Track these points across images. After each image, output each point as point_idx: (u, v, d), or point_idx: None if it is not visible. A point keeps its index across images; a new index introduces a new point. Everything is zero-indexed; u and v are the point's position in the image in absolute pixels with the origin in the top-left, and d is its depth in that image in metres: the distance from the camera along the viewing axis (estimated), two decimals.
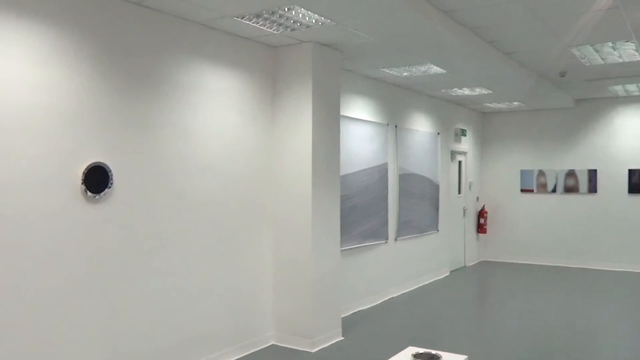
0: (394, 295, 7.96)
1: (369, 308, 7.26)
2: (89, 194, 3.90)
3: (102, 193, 3.99)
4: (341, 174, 6.62)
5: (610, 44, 6.09)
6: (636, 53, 6.50)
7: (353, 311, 7.02)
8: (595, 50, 6.39)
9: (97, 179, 3.96)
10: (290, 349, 5.53)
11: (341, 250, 6.57)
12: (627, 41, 5.98)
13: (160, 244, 4.48)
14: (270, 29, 5.00)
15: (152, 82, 4.42)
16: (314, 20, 4.77)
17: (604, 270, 10.05)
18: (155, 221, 4.44)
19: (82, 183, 3.86)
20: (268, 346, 5.61)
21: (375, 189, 7.44)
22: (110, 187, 4.04)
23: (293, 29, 5.03)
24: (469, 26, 5.41)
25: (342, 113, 6.70)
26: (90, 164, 3.90)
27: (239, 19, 4.71)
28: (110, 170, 4.05)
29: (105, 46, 4.05)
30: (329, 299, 5.76)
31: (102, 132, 4.02)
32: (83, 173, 3.86)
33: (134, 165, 4.27)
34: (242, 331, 5.32)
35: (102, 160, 4.01)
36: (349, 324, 6.42)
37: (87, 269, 3.92)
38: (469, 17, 5.11)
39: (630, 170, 9.96)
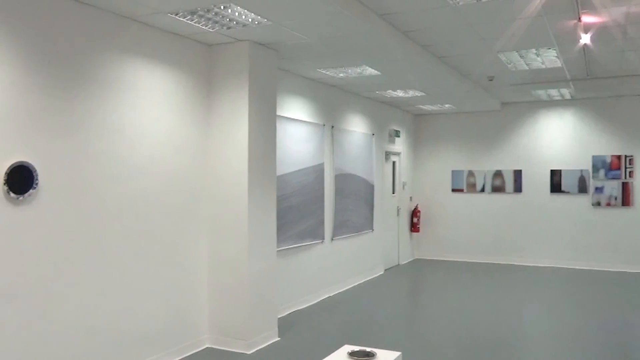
0: (330, 295, 8.03)
1: (305, 308, 7.29)
2: (12, 195, 3.69)
3: (26, 194, 3.79)
4: (278, 174, 6.60)
5: (534, 50, 6.40)
6: (557, 60, 6.86)
7: (290, 311, 7.02)
8: (521, 56, 6.70)
9: (21, 180, 3.75)
10: (226, 351, 5.46)
11: (277, 251, 6.55)
12: (549, 48, 6.31)
13: (90, 247, 4.31)
14: (206, 26, 4.92)
15: (82, 79, 4.24)
16: (250, 19, 4.74)
17: (530, 266, 10.56)
18: (85, 223, 4.26)
19: (4, 183, 3.65)
20: (203, 349, 5.51)
21: (312, 189, 7.48)
22: (35, 187, 3.85)
23: (229, 28, 4.97)
24: (402, 30, 5.53)
25: (278, 113, 6.68)
26: (13, 164, 3.70)
27: (173, 16, 4.61)
28: (36, 170, 3.85)
29: (33, 40, 3.85)
30: (265, 300, 5.73)
31: (27, 130, 3.82)
32: (5, 173, 3.65)
33: (62, 165, 4.08)
34: (176, 334, 5.20)
35: (26, 160, 3.81)
36: (286, 325, 6.42)
37: (10, 273, 3.71)
38: (403, 21, 5.23)
39: (552, 171, 10.51)
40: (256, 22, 4.81)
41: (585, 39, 5.80)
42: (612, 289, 8.46)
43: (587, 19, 5.16)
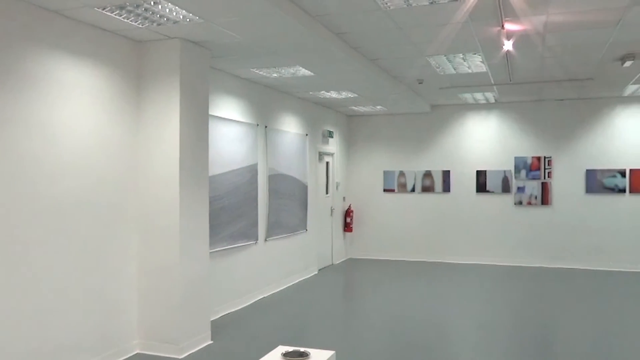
0: (264, 296, 7.99)
1: (239, 309, 7.21)
2: None
3: None
4: (210, 174, 6.50)
5: (461, 55, 6.64)
6: (482, 65, 7.15)
7: (223, 314, 6.93)
8: (449, 61, 6.94)
9: None
10: (157, 356, 5.31)
11: (210, 252, 6.46)
12: (475, 53, 6.56)
13: (10, 250, 4.07)
14: (135, 22, 4.77)
15: (3, 73, 4.01)
16: (181, 16, 4.64)
17: (458, 263, 10.94)
18: (6, 225, 4.03)
19: None
20: (133, 355, 5.34)
21: (245, 190, 7.41)
22: None
23: (159, 24, 4.84)
24: (335, 31, 5.59)
25: (211, 113, 6.58)
26: None
27: (101, 10, 4.43)
28: None
29: None
30: (198, 303, 5.63)
31: None
32: None
33: None
34: (104, 340, 5.01)
35: None
36: (219, 327, 6.33)
37: None
38: (336, 23, 5.29)
39: (477, 171, 10.94)
40: (187, 20, 4.72)
41: (508, 45, 6.08)
42: (533, 284, 8.91)
43: (509, 26, 5.41)
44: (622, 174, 10.07)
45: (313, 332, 6.22)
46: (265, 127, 8.08)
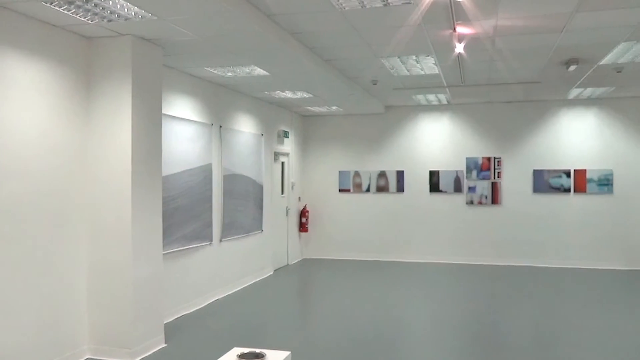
0: (219, 297, 7.91)
1: (193, 312, 7.11)
2: None
3: None
4: (164, 174, 6.39)
5: (414, 57, 6.75)
6: (435, 67, 7.30)
7: (177, 316, 6.82)
8: (402, 62, 7.04)
9: None
10: None
11: (164, 254, 6.34)
12: (428, 56, 6.69)
13: None
14: (85, 18, 4.63)
15: None
16: (133, 13, 4.54)
17: (412, 262, 11.11)
18: None
19: None
20: None
21: (200, 190, 7.32)
22: None
23: (110, 20, 4.72)
24: (290, 31, 5.59)
25: (164, 112, 6.46)
26: None
27: (48, 5, 4.29)
28: None
29: None
30: (150, 305, 5.52)
31: None
32: None
33: None
34: (53, 345, 4.85)
35: None
36: (173, 330, 6.23)
37: None
38: (291, 23, 5.28)
39: (430, 172, 11.15)
40: (140, 16, 4.62)
41: (460, 48, 6.22)
42: (484, 281, 9.14)
43: (461, 29, 5.54)
44: (567, 174, 10.46)
45: (269, 333, 6.20)
46: (220, 126, 8.00)
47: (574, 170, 10.44)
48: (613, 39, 5.97)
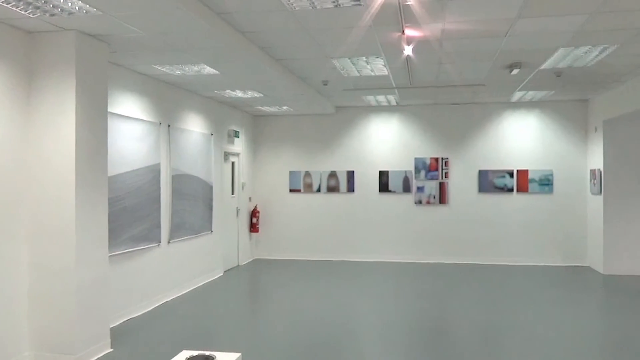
0: (168, 300, 7.76)
1: (141, 315, 6.95)
2: None
3: None
4: (110, 174, 6.22)
5: (364, 58, 6.83)
6: (385, 68, 7.40)
7: (124, 320, 6.64)
8: (352, 64, 7.11)
9: None
10: None
11: (110, 256, 6.17)
12: (378, 57, 6.78)
13: None
14: (25, 11, 4.45)
15: None
16: (77, 7, 4.39)
17: (362, 261, 11.23)
18: None
19: None
20: None
21: (147, 190, 7.16)
22: None
23: (53, 14, 4.56)
24: (241, 30, 5.54)
25: (110, 110, 6.29)
26: None
27: None
28: None
29: None
30: (96, 309, 5.36)
31: None
32: None
33: None
34: None
35: None
36: (120, 334, 6.07)
37: None
38: (241, 21, 5.25)
39: (380, 172, 11.30)
40: (84, 11, 4.48)
41: (408, 50, 6.33)
42: (432, 279, 9.34)
43: (409, 32, 5.64)
44: (511, 174, 10.82)
45: (219, 335, 6.13)
46: (169, 125, 7.85)
47: (517, 170, 10.81)
48: (553, 45, 6.23)
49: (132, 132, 6.80)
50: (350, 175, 11.42)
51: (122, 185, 6.56)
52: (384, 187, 11.28)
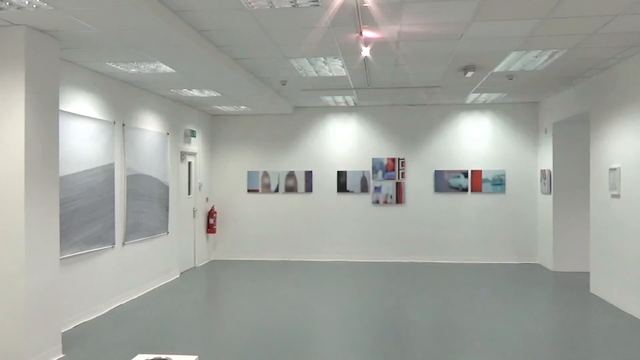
0: (123, 303, 7.59)
1: (94, 319, 6.78)
2: None
3: None
4: (61, 174, 6.04)
5: (322, 59, 6.86)
6: (343, 69, 7.45)
7: (76, 324, 6.46)
8: (311, 64, 7.13)
9: None
10: None
11: (61, 259, 5.99)
12: (336, 58, 6.82)
13: None
14: None
15: None
16: (27, 1, 4.25)
17: (320, 261, 11.26)
18: None
19: None
20: None
21: (101, 191, 6.98)
22: None
23: (0, 8, 4.39)
24: (198, 28, 5.48)
25: (62, 108, 6.11)
26: None
27: None
28: None
29: None
30: (46, 314, 5.19)
31: None
32: None
33: None
34: None
35: None
36: (72, 339, 5.90)
37: None
38: (198, 20, 5.19)
39: (338, 172, 11.36)
40: (34, 5, 4.34)
41: (366, 51, 6.40)
42: (390, 278, 9.45)
43: (367, 33, 5.70)
44: (465, 174, 11.07)
45: (175, 338, 6.03)
46: (123, 124, 7.68)
47: (471, 170, 11.07)
48: (505, 48, 6.40)
49: (85, 131, 6.63)
50: (309, 175, 11.44)
51: (74, 185, 6.38)
52: (341, 187, 11.35)
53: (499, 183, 11.00)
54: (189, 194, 10.49)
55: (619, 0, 4.75)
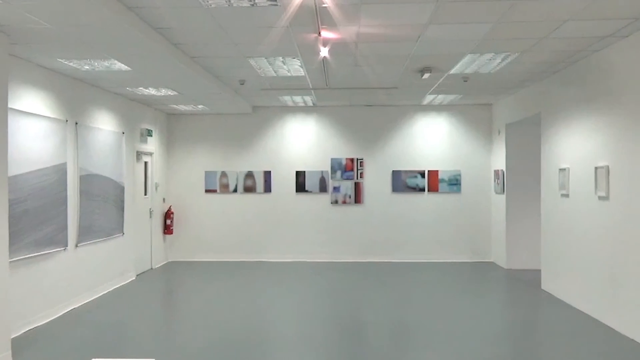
0: (76, 306, 7.38)
1: (46, 323, 6.57)
2: None
3: None
4: (10, 174, 5.82)
5: (281, 58, 6.85)
6: (301, 69, 7.46)
7: (27, 329, 6.24)
8: (269, 63, 7.11)
9: None
10: None
11: (10, 262, 5.78)
12: (294, 58, 6.82)
13: None
14: None
15: None
16: None
17: (279, 261, 11.23)
18: None
19: None
20: None
21: (52, 191, 6.78)
22: None
23: None
24: (154, 25, 5.39)
25: (10, 105, 5.89)
26: None
27: None
28: None
29: None
30: None
31: None
32: None
33: None
34: None
35: None
36: (22, 344, 5.69)
37: None
38: (154, 16, 5.10)
39: (297, 172, 11.37)
40: None
41: (324, 52, 6.42)
42: (348, 278, 9.52)
43: (325, 34, 5.73)
44: (422, 174, 11.25)
45: (131, 341, 5.91)
46: (76, 123, 7.47)
47: (428, 171, 11.26)
48: (460, 51, 6.55)
49: (35, 129, 6.41)
50: (267, 175, 11.40)
51: (23, 185, 6.17)
52: (300, 187, 11.36)
53: (454, 183, 11.23)
54: (145, 194, 10.30)
55: (568, 7, 4.92)
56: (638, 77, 5.69)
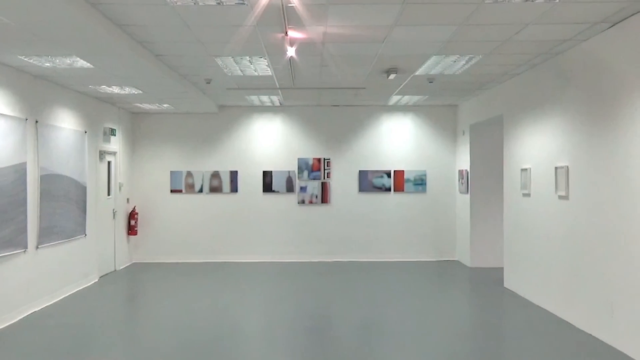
0: (36, 310, 7.18)
1: (4, 327, 6.37)
2: None
3: None
4: None
5: (247, 57, 6.81)
6: (268, 68, 7.43)
7: None
8: (236, 62, 7.06)
9: None
10: None
11: None
12: (261, 57, 6.79)
13: None
14: None
15: None
16: None
17: (246, 262, 11.17)
18: None
19: None
20: None
21: (11, 192, 6.58)
22: None
23: None
24: (118, 22, 5.29)
25: None
26: None
27: None
28: None
29: None
30: None
31: None
32: None
33: None
34: None
35: None
36: None
37: None
38: (118, 14, 5.01)
39: (264, 172, 11.32)
40: None
41: (291, 52, 6.42)
42: (315, 278, 9.54)
43: (292, 34, 5.72)
44: (388, 174, 11.35)
45: (93, 345, 5.79)
46: (36, 122, 7.28)
47: (394, 171, 11.37)
48: (426, 52, 6.63)
49: None
50: (234, 175, 11.32)
51: None
52: (267, 187, 11.32)
53: (420, 183, 11.36)
54: (109, 194, 10.10)
55: (529, 11, 5.04)
56: (594, 80, 5.87)
